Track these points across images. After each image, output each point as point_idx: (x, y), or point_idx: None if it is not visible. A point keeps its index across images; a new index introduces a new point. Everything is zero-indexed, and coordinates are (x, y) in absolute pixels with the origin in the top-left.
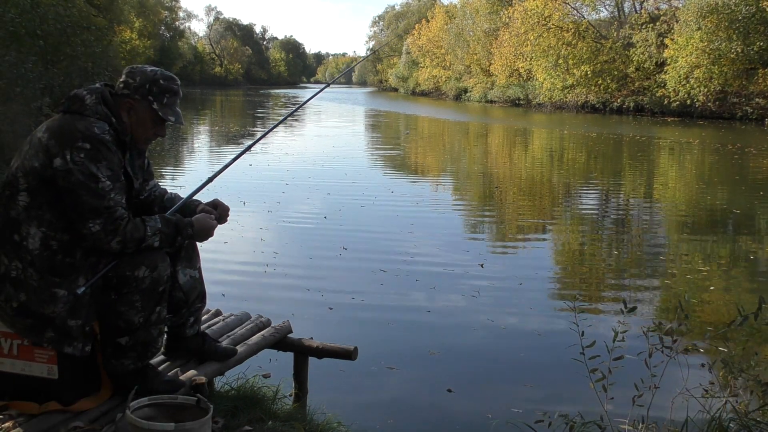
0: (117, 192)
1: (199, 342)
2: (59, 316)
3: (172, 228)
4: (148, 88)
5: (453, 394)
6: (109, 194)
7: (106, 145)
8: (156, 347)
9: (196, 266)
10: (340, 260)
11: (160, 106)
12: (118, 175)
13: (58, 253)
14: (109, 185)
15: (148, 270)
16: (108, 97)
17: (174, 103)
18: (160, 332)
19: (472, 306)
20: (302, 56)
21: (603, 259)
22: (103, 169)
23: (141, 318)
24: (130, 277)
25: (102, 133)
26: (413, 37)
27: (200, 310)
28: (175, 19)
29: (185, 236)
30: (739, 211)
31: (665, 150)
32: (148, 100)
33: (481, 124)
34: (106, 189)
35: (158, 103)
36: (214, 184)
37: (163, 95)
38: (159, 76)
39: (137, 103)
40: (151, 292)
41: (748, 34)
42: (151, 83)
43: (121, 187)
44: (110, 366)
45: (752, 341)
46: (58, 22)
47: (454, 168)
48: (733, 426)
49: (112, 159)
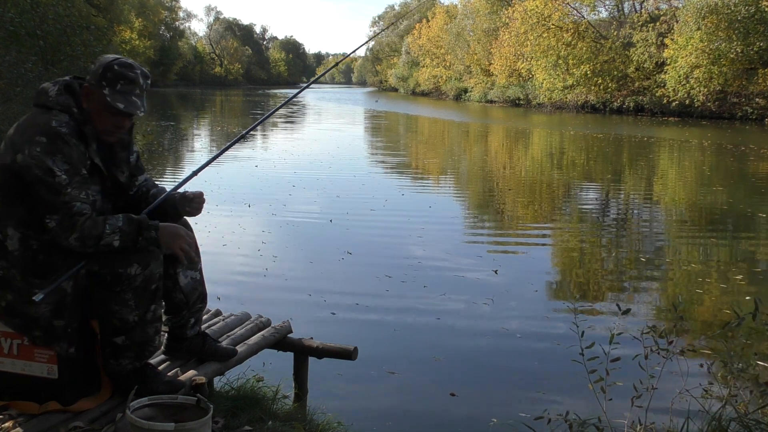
0: (76, 186)
1: (199, 342)
2: (43, 317)
3: (134, 227)
4: (101, 73)
5: (456, 398)
6: (65, 189)
7: (63, 138)
8: (153, 346)
9: (197, 267)
10: (344, 264)
11: (112, 92)
12: (77, 168)
13: (39, 254)
14: (66, 179)
15: (140, 268)
16: (74, 87)
17: (129, 91)
18: (157, 331)
19: (481, 312)
20: (302, 56)
21: (610, 262)
22: (60, 162)
23: (136, 317)
24: (123, 275)
25: (60, 126)
26: (413, 37)
27: (201, 311)
28: (175, 19)
29: (147, 238)
30: (739, 211)
31: (674, 149)
32: (101, 86)
33: (484, 125)
34: (63, 183)
35: (110, 89)
36: (217, 185)
37: (117, 82)
38: (115, 62)
39: (93, 89)
40: (143, 290)
41: (747, 34)
42: (105, 69)
43: (81, 181)
44: (109, 367)
45: (750, 341)
46: (58, 22)
47: (464, 170)
48: (733, 426)
49: (70, 152)
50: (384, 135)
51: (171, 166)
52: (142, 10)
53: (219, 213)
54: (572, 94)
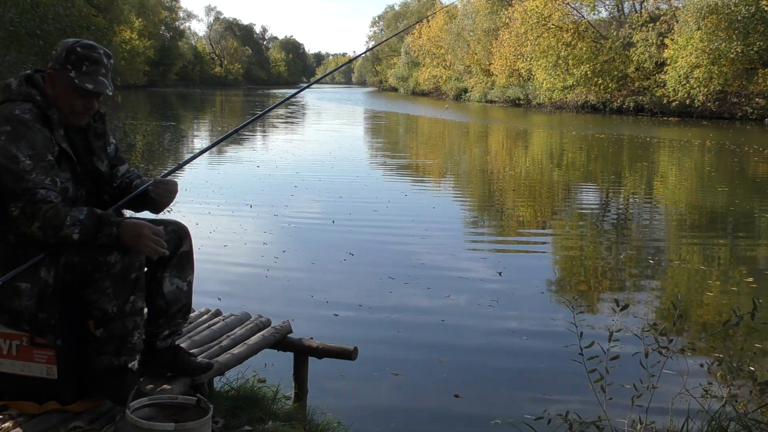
0: (40, 172)
1: (170, 356)
2: (27, 309)
3: (94, 221)
4: (65, 56)
5: (460, 400)
6: (29, 174)
7: (26, 124)
8: (132, 343)
9: (186, 278)
10: (347, 265)
11: (78, 74)
12: (41, 154)
13: (18, 247)
14: (30, 164)
15: (119, 255)
16: (35, 78)
17: (95, 71)
18: (136, 326)
19: (486, 314)
20: (302, 56)
21: (616, 264)
22: (24, 148)
23: (114, 307)
24: (102, 263)
25: (23, 113)
26: (413, 37)
27: (180, 325)
28: (175, 19)
29: (108, 235)
30: (740, 210)
31: (678, 150)
32: (66, 69)
33: (487, 125)
34: (27, 169)
35: (76, 71)
36: (218, 186)
37: (82, 63)
38: (78, 44)
39: (57, 74)
40: (122, 278)
41: (748, 34)
42: (68, 52)
43: (47, 167)
44: (92, 364)
45: (750, 341)
46: (58, 22)
47: (468, 171)
48: (732, 426)
49: (34, 137)
50: (385, 135)
51: (171, 167)
52: (142, 10)
53: (220, 213)
54: (572, 94)
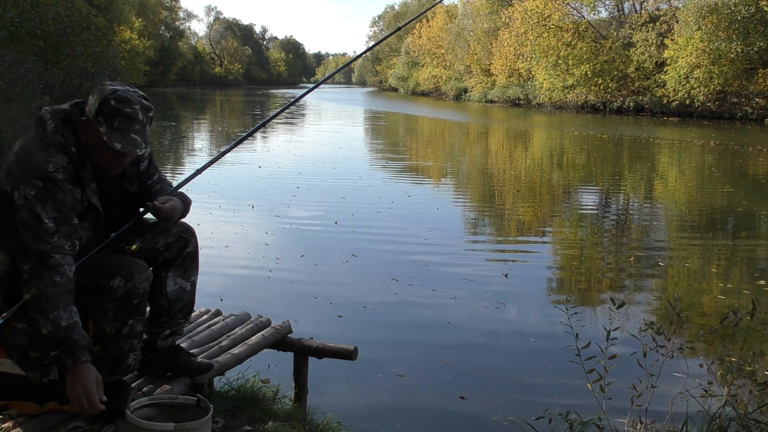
0: (61, 236)
1: (171, 356)
2: (20, 347)
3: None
4: (98, 108)
5: (466, 401)
6: (49, 237)
7: (57, 185)
8: (126, 364)
9: (190, 279)
10: (350, 266)
11: (109, 130)
12: (66, 217)
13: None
14: (52, 228)
15: (123, 280)
16: (72, 118)
17: (127, 128)
18: (132, 348)
19: (492, 315)
20: (302, 56)
21: (622, 265)
22: (50, 209)
23: (113, 328)
24: (105, 287)
25: (56, 171)
26: (413, 37)
27: (181, 325)
28: (175, 19)
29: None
30: (739, 210)
31: (681, 150)
32: (98, 121)
33: (487, 125)
34: (49, 231)
35: (107, 126)
36: (220, 186)
37: (114, 119)
38: (112, 96)
39: (90, 124)
40: (124, 303)
41: (748, 34)
42: (101, 103)
43: (69, 231)
44: None
45: (749, 341)
46: (58, 22)
47: (471, 172)
48: (732, 426)
49: (64, 200)
50: (386, 136)
51: (171, 167)
52: (142, 10)
53: (222, 214)
54: (572, 94)
